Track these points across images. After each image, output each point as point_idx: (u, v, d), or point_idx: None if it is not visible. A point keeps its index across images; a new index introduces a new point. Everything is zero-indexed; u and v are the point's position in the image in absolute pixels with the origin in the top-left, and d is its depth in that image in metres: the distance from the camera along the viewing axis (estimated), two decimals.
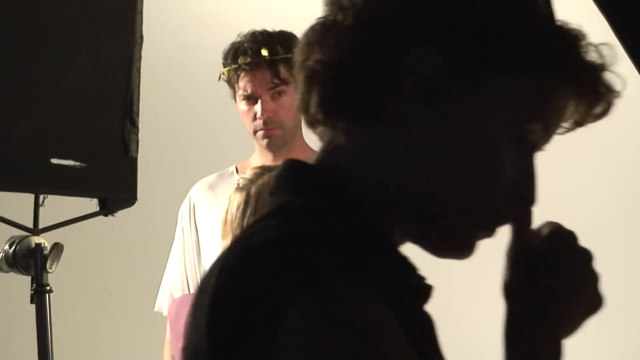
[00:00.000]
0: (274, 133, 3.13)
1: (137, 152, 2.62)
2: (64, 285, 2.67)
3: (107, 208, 2.58)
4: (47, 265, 2.43)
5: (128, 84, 2.62)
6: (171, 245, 3.26)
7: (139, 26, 2.65)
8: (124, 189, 2.61)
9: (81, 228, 2.58)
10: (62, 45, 2.53)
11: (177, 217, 3.23)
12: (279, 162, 2.59)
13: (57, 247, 2.46)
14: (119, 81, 2.61)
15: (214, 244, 3.13)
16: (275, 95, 3.11)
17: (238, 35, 3.14)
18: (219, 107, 3.55)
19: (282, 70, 3.10)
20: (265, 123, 3.11)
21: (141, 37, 2.65)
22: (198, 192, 3.24)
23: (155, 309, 3.26)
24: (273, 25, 3.17)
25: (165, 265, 3.25)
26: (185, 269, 3.21)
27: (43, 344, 2.42)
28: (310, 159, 3.09)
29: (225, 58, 3.15)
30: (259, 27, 3.16)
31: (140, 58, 2.64)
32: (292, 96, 3.12)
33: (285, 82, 3.10)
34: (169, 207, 3.29)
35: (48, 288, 2.44)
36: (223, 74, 3.16)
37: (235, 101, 3.18)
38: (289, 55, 3.08)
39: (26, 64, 2.46)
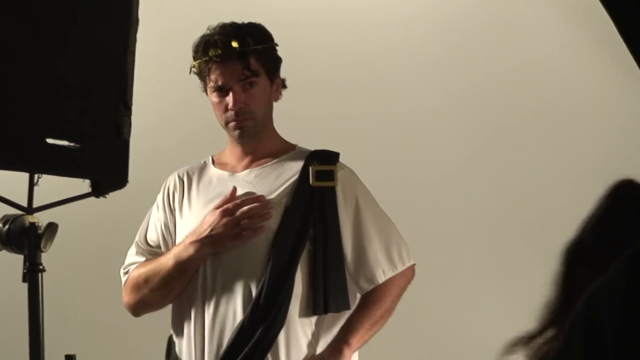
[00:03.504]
0: (246, 124, 3.18)
1: (129, 135, 2.63)
2: (57, 265, 2.68)
3: (99, 190, 2.58)
4: (41, 245, 2.44)
5: (123, 66, 2.62)
6: None
7: (135, 9, 2.66)
8: (116, 171, 2.61)
9: (74, 208, 2.58)
10: (58, 25, 2.53)
11: None
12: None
13: (52, 227, 2.47)
14: (114, 64, 2.62)
15: (187, 230, 3.17)
16: (247, 87, 3.16)
17: (208, 28, 3.18)
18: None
19: (253, 62, 3.15)
20: (237, 114, 3.16)
21: (137, 20, 2.66)
22: (173, 182, 3.28)
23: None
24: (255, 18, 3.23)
25: None
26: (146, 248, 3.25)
27: (35, 322, 2.42)
28: (282, 148, 3.05)
29: (196, 51, 3.19)
30: (245, 16, 3.21)
31: (135, 41, 2.65)
32: (263, 87, 3.17)
33: (255, 73, 3.16)
34: (159, 190, 3.32)
35: (41, 267, 2.45)
36: (194, 66, 3.21)
37: (206, 93, 3.21)
38: (259, 47, 3.14)
39: (23, 44, 2.45)
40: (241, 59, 3.14)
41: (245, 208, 3.09)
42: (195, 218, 3.18)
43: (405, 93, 4.71)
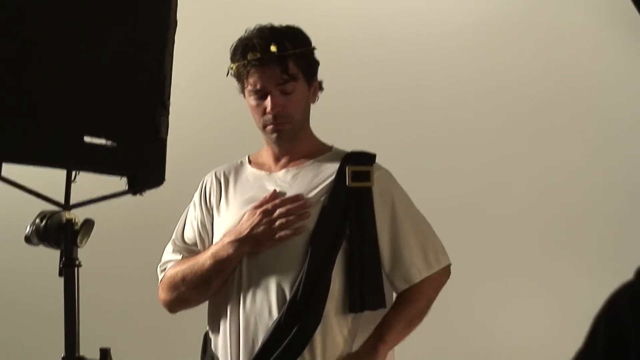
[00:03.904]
0: (283, 127, 3.21)
1: (166, 134, 2.66)
2: (93, 260, 2.73)
3: (136, 187, 2.62)
4: (78, 240, 2.48)
5: (161, 67, 2.66)
6: None
7: (173, 10, 2.69)
8: (153, 169, 2.64)
9: (110, 206, 2.62)
10: (97, 23, 2.55)
11: None
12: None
13: (88, 223, 2.50)
14: (152, 63, 2.65)
15: (224, 229, 3.21)
16: (285, 90, 3.18)
17: (245, 31, 3.20)
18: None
19: (291, 66, 3.17)
20: (275, 118, 3.18)
21: (175, 21, 2.69)
22: (210, 181, 3.31)
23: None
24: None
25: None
26: (183, 245, 3.29)
27: (70, 316, 2.46)
28: (318, 149, 3.08)
29: (234, 53, 3.21)
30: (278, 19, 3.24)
31: (173, 42, 2.68)
32: (301, 90, 3.19)
33: (293, 77, 3.18)
34: (195, 189, 3.36)
35: (77, 262, 2.49)
36: (231, 68, 3.23)
37: (244, 96, 3.24)
38: (297, 51, 3.16)
39: (62, 41, 2.49)
40: (279, 63, 3.17)
41: (283, 209, 3.12)
42: (232, 217, 3.22)
43: (442, 91, 4.72)
